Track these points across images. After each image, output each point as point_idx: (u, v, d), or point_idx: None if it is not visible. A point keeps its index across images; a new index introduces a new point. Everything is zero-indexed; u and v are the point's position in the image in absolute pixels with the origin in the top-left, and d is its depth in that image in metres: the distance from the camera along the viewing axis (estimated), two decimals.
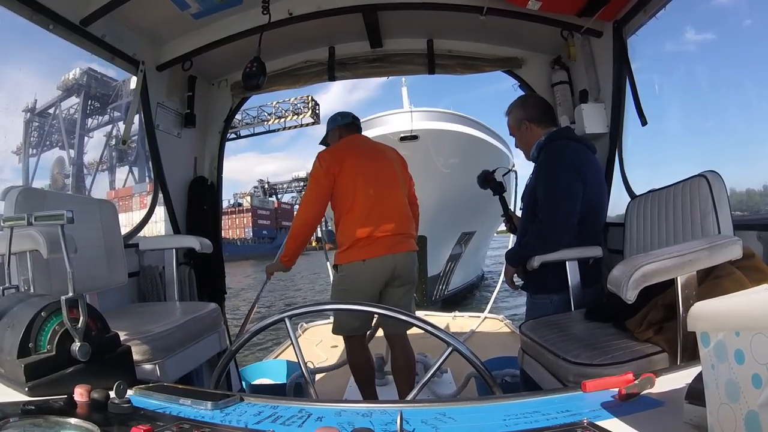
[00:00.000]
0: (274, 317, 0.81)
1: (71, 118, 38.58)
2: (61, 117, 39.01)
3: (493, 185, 2.19)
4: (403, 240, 2.05)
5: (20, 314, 0.65)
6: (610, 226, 2.02)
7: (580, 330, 1.40)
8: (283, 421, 0.57)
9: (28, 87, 69.88)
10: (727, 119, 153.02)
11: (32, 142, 41.00)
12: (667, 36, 61.77)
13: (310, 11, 2.15)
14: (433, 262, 8.67)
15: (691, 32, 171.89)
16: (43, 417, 0.52)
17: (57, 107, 39.37)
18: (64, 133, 38.58)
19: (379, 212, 2.00)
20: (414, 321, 0.78)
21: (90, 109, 37.82)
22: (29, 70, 74.20)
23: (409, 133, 6.95)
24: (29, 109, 40.98)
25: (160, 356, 1.47)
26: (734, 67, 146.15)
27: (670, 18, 1.83)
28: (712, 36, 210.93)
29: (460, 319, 4.17)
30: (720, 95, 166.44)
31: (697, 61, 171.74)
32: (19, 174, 42.39)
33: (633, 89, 1.99)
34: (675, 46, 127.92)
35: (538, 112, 1.91)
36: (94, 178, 40.35)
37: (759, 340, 0.37)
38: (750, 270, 1.10)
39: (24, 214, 0.67)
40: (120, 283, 1.91)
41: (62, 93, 38.50)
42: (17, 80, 70.64)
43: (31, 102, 40.84)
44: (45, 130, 40.34)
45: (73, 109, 38.61)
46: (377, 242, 1.97)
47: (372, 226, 1.98)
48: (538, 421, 0.54)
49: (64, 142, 38.91)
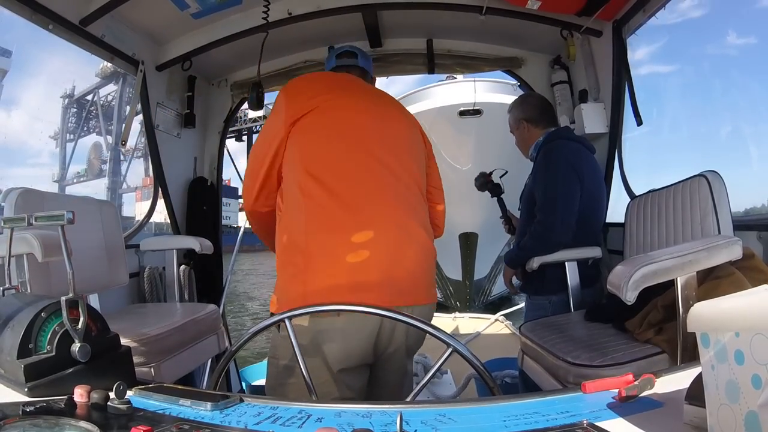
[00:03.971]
0: (274, 317, 0.81)
1: (109, 105, 38.69)
2: (99, 104, 39.29)
3: (491, 187, 2.19)
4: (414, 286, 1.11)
5: (20, 315, 0.65)
6: (609, 226, 2.02)
7: (580, 331, 1.40)
8: (282, 422, 0.57)
9: (66, 75, 70.08)
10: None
11: (70, 128, 41.26)
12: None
13: (309, 11, 2.15)
14: (480, 263, 7.39)
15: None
16: (42, 417, 0.52)
17: (95, 94, 39.68)
18: (102, 120, 38.98)
19: (367, 220, 1.06)
20: (414, 322, 0.78)
21: (129, 96, 37.90)
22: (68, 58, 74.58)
23: (472, 106, 5.64)
24: (67, 95, 41.20)
25: (160, 357, 1.47)
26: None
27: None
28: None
29: (460, 320, 4.17)
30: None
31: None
32: (56, 158, 42.72)
33: (630, 89, 1.99)
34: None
35: (536, 113, 1.91)
36: (129, 164, 40.26)
37: (759, 341, 0.37)
38: (750, 270, 1.10)
39: (24, 215, 0.67)
40: (121, 284, 1.92)
41: (101, 80, 38.74)
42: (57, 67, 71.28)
43: (70, 88, 41.18)
44: (83, 117, 40.59)
45: (111, 96, 38.85)
46: (359, 285, 1.02)
47: (352, 248, 1.03)
48: (538, 422, 0.54)
49: (101, 129, 39.26)
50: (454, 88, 5.75)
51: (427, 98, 5.81)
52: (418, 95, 5.93)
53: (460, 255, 7.34)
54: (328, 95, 1.15)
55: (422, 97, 5.87)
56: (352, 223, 1.04)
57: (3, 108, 77.38)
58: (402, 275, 1.06)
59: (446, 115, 5.76)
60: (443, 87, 5.88)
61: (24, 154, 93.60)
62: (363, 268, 1.02)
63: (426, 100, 5.77)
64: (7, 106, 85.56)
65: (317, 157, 1.09)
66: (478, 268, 7.39)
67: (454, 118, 5.72)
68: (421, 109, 5.84)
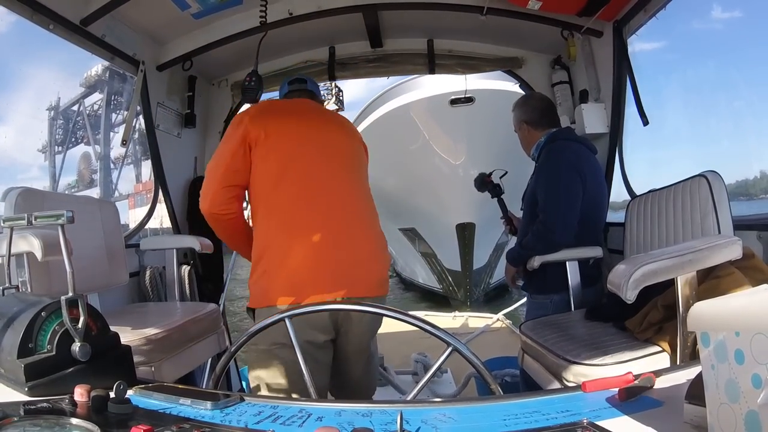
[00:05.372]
0: (274, 317, 0.81)
1: (95, 114, 38.72)
2: (85, 113, 39.23)
3: (490, 187, 2.18)
4: (364, 276, 1.27)
5: (20, 314, 0.65)
6: (610, 226, 2.02)
7: (580, 330, 1.40)
8: (283, 421, 0.57)
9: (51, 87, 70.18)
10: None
11: (57, 140, 41.26)
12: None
13: (310, 11, 2.15)
14: (478, 253, 7.20)
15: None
16: (42, 417, 0.52)
17: (81, 104, 39.63)
18: (89, 129, 38.77)
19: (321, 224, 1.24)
20: (414, 321, 0.78)
21: (114, 104, 37.77)
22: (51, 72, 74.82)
23: (463, 94, 5.43)
24: (53, 107, 41.27)
25: (161, 356, 1.47)
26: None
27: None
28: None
29: (460, 319, 4.16)
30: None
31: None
32: (46, 172, 42.76)
33: (634, 89, 1.99)
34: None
35: (536, 115, 1.91)
36: (120, 171, 40.28)
37: (759, 340, 0.37)
38: (750, 270, 1.10)
39: (24, 214, 0.67)
40: (121, 283, 1.92)
41: (85, 89, 38.63)
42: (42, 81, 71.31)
43: (55, 100, 41.16)
44: (70, 128, 40.60)
45: (96, 105, 38.77)
46: (313, 277, 1.19)
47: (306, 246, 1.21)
48: (538, 421, 0.54)
49: (89, 138, 39.11)
50: (444, 77, 5.32)
51: (416, 88, 5.69)
52: (408, 85, 5.80)
53: (458, 246, 7.23)
54: (280, 119, 1.36)
55: (412, 87, 5.75)
56: (308, 227, 1.24)
57: None
58: (357, 270, 1.25)
59: (437, 104, 5.60)
60: (432, 76, 5.38)
61: (14, 170, 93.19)
62: (318, 266, 1.20)
63: (416, 90, 5.66)
64: None
65: (281, 164, 1.29)
66: (476, 257, 7.29)
67: (445, 108, 5.55)
68: (412, 99, 5.69)
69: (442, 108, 5.61)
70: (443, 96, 5.52)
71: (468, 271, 7.33)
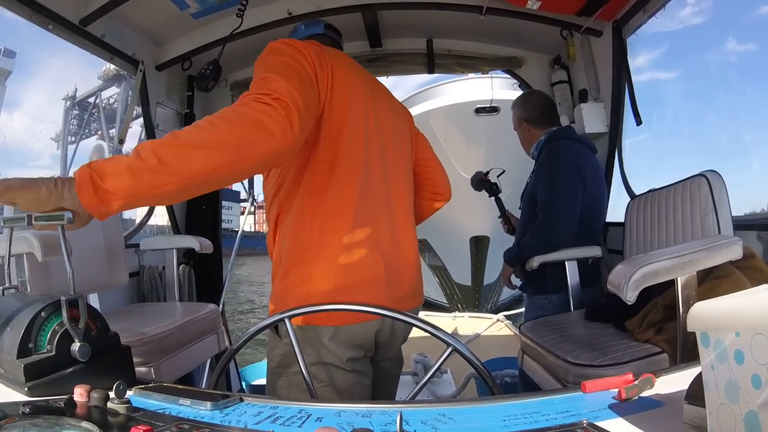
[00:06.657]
0: (274, 317, 0.81)
1: (111, 108, 38.88)
2: (101, 106, 39.36)
3: (487, 186, 2.18)
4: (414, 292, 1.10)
5: (20, 314, 0.65)
6: (609, 226, 2.02)
7: (580, 330, 1.40)
8: (282, 422, 0.57)
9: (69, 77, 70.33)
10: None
11: (71, 130, 41.37)
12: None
13: (309, 11, 2.15)
14: (489, 267, 6.93)
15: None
16: (42, 417, 0.52)
17: (98, 96, 39.86)
18: (103, 122, 39.12)
19: (384, 218, 1.02)
20: (414, 321, 0.78)
21: (130, 98, 38.13)
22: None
23: (489, 103, 5.27)
24: (69, 97, 41.38)
25: (160, 357, 1.47)
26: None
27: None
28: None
29: (460, 320, 4.17)
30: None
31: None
32: (57, 161, 42.94)
33: (630, 89, 1.99)
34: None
35: (536, 114, 1.91)
36: None
37: (759, 341, 0.37)
38: (750, 270, 1.10)
39: (24, 214, 0.67)
40: (121, 283, 1.92)
41: (103, 83, 38.90)
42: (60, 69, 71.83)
43: (72, 90, 41.37)
44: (84, 119, 40.67)
45: (113, 99, 39.07)
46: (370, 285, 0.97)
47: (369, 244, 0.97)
48: (538, 421, 0.54)
49: (103, 131, 39.34)
50: (469, 85, 5.36)
51: (438, 95, 5.53)
52: (430, 93, 5.63)
53: (470, 259, 7.09)
54: (349, 79, 1.00)
55: (434, 94, 5.59)
56: (373, 231, 0.98)
57: (5, 109, 77.57)
58: (403, 280, 1.04)
59: (460, 113, 5.44)
60: (456, 84, 5.48)
61: (24, 156, 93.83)
62: (365, 270, 0.97)
63: (438, 98, 5.51)
64: (9, 108, 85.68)
65: (359, 132, 0.98)
66: (487, 272, 7.13)
67: (468, 117, 5.39)
68: (432, 107, 5.54)
69: (463, 117, 5.47)
70: (465, 105, 5.36)
71: (478, 285, 7.22)
